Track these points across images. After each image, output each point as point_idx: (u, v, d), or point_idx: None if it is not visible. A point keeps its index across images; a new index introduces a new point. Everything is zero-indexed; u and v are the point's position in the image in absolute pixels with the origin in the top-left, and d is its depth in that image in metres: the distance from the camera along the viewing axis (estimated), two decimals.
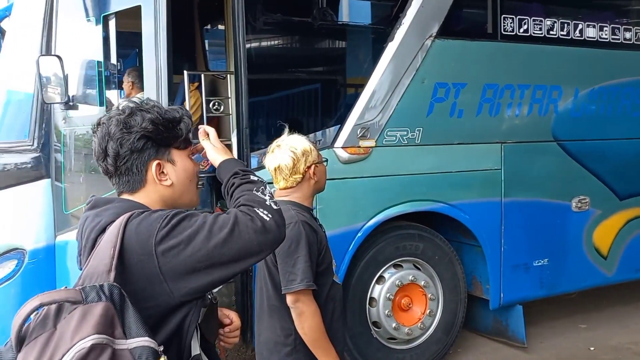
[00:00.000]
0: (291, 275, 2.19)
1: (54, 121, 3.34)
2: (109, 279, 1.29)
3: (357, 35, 4.12)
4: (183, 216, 1.37)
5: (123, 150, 1.45)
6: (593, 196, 4.70)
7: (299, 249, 2.19)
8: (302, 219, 2.24)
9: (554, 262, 4.58)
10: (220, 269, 1.36)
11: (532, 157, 4.46)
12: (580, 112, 4.61)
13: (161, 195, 1.50)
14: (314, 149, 2.35)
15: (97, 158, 1.50)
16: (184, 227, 1.35)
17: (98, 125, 1.49)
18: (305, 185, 2.34)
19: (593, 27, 4.59)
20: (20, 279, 3.25)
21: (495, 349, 4.64)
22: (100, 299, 1.24)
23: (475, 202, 4.24)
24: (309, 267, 2.19)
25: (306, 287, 2.18)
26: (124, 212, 1.40)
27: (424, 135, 4.00)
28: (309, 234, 2.23)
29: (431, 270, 4.23)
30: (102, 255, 1.34)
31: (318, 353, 2.22)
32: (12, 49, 3.65)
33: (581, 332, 4.98)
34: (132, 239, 1.34)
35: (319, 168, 2.36)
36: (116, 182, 1.50)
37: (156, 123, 1.46)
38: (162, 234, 1.34)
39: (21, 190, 3.33)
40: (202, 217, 1.37)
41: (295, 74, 3.99)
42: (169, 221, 1.35)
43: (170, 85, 2.96)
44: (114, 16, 3.06)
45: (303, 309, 2.20)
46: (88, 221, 1.46)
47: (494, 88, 4.21)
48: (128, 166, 1.46)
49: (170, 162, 1.50)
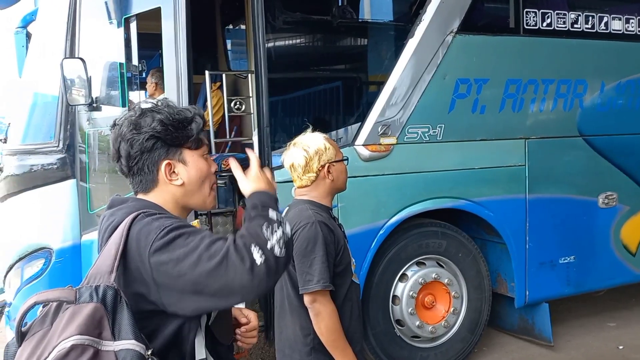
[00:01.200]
0: (308, 276, 2.19)
1: (78, 123, 3.40)
2: (110, 279, 1.30)
3: (377, 32, 4.10)
4: (180, 233, 1.34)
5: (134, 150, 1.46)
6: (620, 192, 4.62)
7: (316, 249, 2.19)
8: (319, 219, 2.24)
9: (581, 259, 4.51)
10: (206, 298, 1.33)
11: (557, 153, 4.39)
12: (606, 107, 4.52)
13: (173, 194, 1.50)
14: (331, 147, 2.33)
15: (112, 158, 1.53)
16: (178, 244, 1.32)
17: (113, 126, 1.51)
18: (320, 184, 2.33)
19: (619, 20, 4.50)
20: (47, 278, 3.32)
21: (521, 347, 4.58)
22: (92, 300, 1.26)
23: (499, 198, 4.19)
24: (325, 267, 2.19)
25: (323, 288, 2.18)
26: (135, 211, 1.41)
27: (445, 132, 3.98)
28: (326, 234, 2.23)
29: (455, 268, 4.20)
30: (106, 255, 1.36)
31: (335, 353, 2.22)
32: (38, 52, 3.73)
33: (610, 331, 4.89)
34: (132, 243, 1.35)
35: (336, 167, 2.34)
36: (131, 182, 1.52)
37: (165, 123, 1.46)
38: (156, 246, 1.33)
39: (47, 191, 3.40)
40: (198, 239, 1.33)
41: (316, 72, 4.00)
42: (164, 235, 1.34)
43: (190, 85, 2.99)
44: (135, 18, 3.11)
45: (320, 309, 2.20)
46: (104, 220, 1.48)
47: (517, 83, 4.16)
48: (139, 166, 1.47)
49: (182, 162, 1.49)
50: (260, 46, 3.40)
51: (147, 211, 1.41)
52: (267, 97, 3.43)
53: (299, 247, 2.19)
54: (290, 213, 2.34)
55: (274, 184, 1.54)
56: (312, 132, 2.39)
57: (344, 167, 2.40)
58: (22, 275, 3.36)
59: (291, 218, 2.29)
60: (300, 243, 2.19)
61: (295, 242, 2.20)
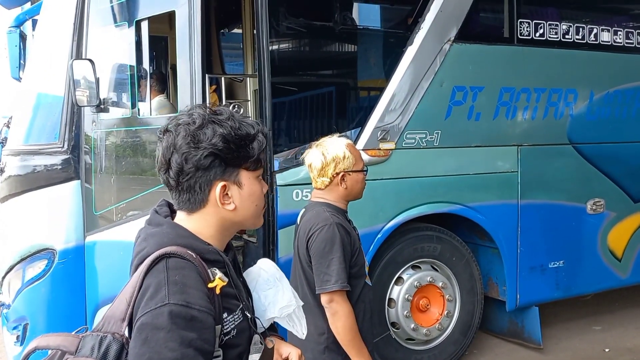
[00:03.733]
0: (326, 276, 2.24)
1: (83, 124, 3.39)
2: (121, 328, 1.23)
3: (376, 39, 4.17)
4: (150, 336, 1.19)
5: (187, 166, 1.30)
6: (608, 198, 4.75)
7: (334, 250, 2.24)
8: (336, 221, 2.28)
9: (570, 264, 4.62)
10: None
11: (548, 160, 4.50)
12: (595, 115, 4.65)
13: (221, 218, 1.36)
14: (350, 156, 2.34)
15: (158, 169, 1.36)
16: (138, 342, 1.20)
17: (164, 132, 1.34)
18: (334, 189, 2.37)
19: (607, 31, 4.64)
20: (50, 279, 3.31)
21: (511, 350, 4.67)
22: (92, 355, 1.20)
23: (492, 204, 4.28)
24: (343, 268, 2.23)
25: (340, 288, 2.23)
26: (164, 246, 1.29)
27: (442, 138, 4.06)
28: (343, 235, 2.27)
29: (448, 272, 4.28)
30: (122, 298, 1.27)
31: (351, 353, 2.27)
32: (40, 52, 3.71)
33: (595, 334, 5.01)
34: (140, 294, 1.25)
35: (352, 177, 2.35)
36: (175, 197, 1.36)
37: (228, 140, 1.30)
38: (140, 321, 1.22)
39: (51, 192, 3.38)
40: (156, 355, 1.18)
41: (316, 77, 4.04)
42: (153, 318, 1.20)
43: (204, 89, 3.02)
44: (147, 21, 3.12)
45: (337, 309, 2.25)
46: (138, 241, 1.37)
47: (511, 91, 4.26)
48: (191, 183, 1.32)
49: (237, 184, 1.35)
50: (264, 50, 3.44)
51: (171, 254, 1.28)
52: (271, 101, 3.47)
53: (317, 248, 2.23)
54: (307, 215, 2.38)
55: None
56: (338, 137, 2.42)
57: (361, 178, 2.41)
58: (24, 276, 3.34)
59: (308, 220, 2.33)
60: (318, 244, 2.23)
61: (313, 244, 2.25)
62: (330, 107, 3.94)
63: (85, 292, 3.34)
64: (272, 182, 3.56)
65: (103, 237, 3.33)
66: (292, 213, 3.20)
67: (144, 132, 3.34)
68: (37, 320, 3.34)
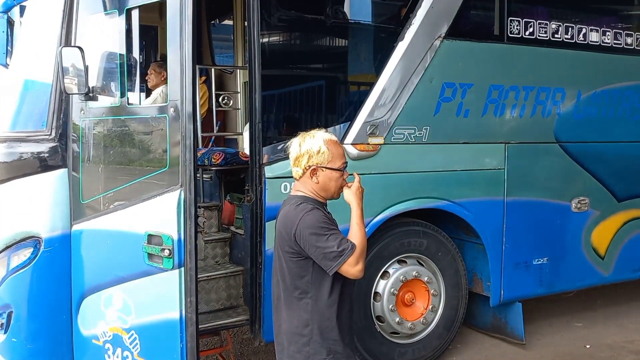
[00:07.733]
0: (330, 253, 2.21)
1: (71, 112, 3.36)
2: None
3: (367, 34, 4.17)
4: None
5: None
6: (592, 197, 4.81)
7: (323, 227, 2.23)
8: (315, 207, 2.30)
9: (553, 261, 4.68)
10: None
11: (534, 158, 4.54)
12: (581, 115, 4.70)
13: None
14: (326, 152, 2.31)
15: None
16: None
17: None
18: (307, 182, 2.36)
19: (596, 32, 4.68)
20: (35, 267, 3.27)
21: (494, 345, 4.73)
22: None
23: (478, 200, 4.32)
24: (341, 237, 2.24)
25: (349, 256, 2.22)
26: None
27: (430, 134, 4.08)
28: (325, 214, 2.30)
29: (434, 267, 4.31)
30: None
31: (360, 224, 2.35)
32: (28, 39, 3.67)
33: (577, 331, 5.09)
34: None
35: (325, 173, 2.33)
36: None
37: None
38: None
39: (38, 179, 3.34)
40: None
41: (307, 70, 4.04)
42: None
43: (194, 80, 3.00)
44: (138, 9, 3.10)
45: (359, 265, 2.25)
46: None
47: (500, 89, 4.29)
48: None
49: None
50: (255, 43, 3.44)
51: None
52: (261, 93, 3.47)
53: (307, 236, 2.22)
54: (284, 209, 2.38)
55: None
56: (325, 131, 2.42)
57: (336, 176, 2.36)
58: (9, 264, 3.30)
59: (285, 215, 2.33)
60: (307, 232, 2.22)
61: (302, 238, 2.25)
62: (320, 100, 3.95)
63: (71, 281, 3.33)
64: (260, 175, 3.57)
65: (90, 226, 3.30)
66: (279, 206, 3.19)
67: (132, 122, 3.32)
68: (21, 308, 3.31)
